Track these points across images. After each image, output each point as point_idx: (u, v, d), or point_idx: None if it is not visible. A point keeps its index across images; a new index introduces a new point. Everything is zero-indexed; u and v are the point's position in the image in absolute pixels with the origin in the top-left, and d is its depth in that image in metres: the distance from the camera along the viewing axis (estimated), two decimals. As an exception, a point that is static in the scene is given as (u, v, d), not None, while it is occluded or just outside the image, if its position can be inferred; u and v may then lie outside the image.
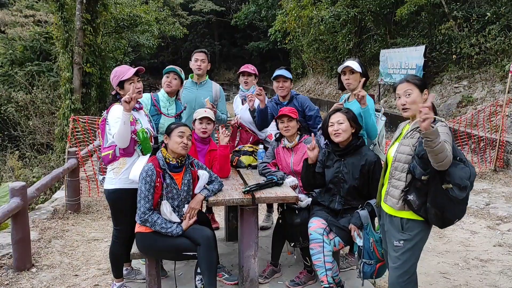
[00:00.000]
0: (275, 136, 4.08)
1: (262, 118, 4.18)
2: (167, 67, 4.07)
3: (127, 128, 3.09)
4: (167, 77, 3.98)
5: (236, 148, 4.38)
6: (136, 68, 3.31)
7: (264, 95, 4.11)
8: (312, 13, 18.31)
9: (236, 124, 4.52)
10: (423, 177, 2.43)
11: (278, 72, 4.22)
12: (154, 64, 35.39)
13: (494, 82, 10.63)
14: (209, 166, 3.71)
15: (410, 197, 2.51)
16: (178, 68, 4.03)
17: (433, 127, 2.21)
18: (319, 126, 4.03)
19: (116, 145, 3.22)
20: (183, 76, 4.09)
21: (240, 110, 4.58)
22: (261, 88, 4.15)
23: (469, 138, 8.90)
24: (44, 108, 13.48)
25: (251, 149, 4.27)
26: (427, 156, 2.32)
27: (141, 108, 3.44)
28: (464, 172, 2.40)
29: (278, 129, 3.92)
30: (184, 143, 3.13)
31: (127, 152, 3.24)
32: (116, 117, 3.14)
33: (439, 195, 2.41)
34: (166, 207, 3.08)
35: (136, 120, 3.28)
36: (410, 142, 2.57)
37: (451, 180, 2.37)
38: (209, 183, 3.35)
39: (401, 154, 2.60)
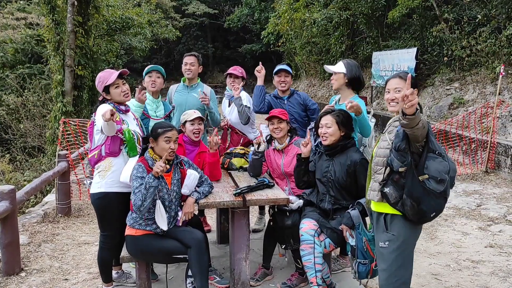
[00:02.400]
0: (265, 138, 4.06)
1: (258, 95, 4.16)
2: (147, 67, 4.09)
3: (111, 125, 3.02)
4: (150, 77, 4.01)
5: (228, 151, 4.37)
6: (119, 71, 3.26)
7: (263, 73, 4.12)
8: (305, 16, 18.32)
9: (226, 126, 4.52)
10: (400, 169, 2.44)
11: (280, 66, 4.23)
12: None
13: (485, 84, 10.69)
14: (200, 168, 3.69)
15: (387, 189, 2.51)
16: (159, 67, 4.08)
17: (417, 109, 2.18)
18: (311, 126, 4.03)
19: (101, 145, 3.19)
20: (164, 73, 4.12)
21: (228, 112, 4.57)
22: (262, 66, 4.14)
23: (461, 139, 8.95)
24: (35, 111, 13.39)
25: (242, 151, 4.26)
26: (403, 148, 2.37)
27: (127, 111, 3.39)
28: (442, 166, 2.42)
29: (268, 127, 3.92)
30: (171, 148, 3.11)
31: (112, 151, 3.19)
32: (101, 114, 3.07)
33: (415, 186, 2.42)
34: (160, 206, 3.06)
35: (123, 121, 3.25)
36: (388, 137, 2.60)
37: (428, 172, 2.40)
38: (199, 184, 3.33)
39: (380, 149, 2.63)
